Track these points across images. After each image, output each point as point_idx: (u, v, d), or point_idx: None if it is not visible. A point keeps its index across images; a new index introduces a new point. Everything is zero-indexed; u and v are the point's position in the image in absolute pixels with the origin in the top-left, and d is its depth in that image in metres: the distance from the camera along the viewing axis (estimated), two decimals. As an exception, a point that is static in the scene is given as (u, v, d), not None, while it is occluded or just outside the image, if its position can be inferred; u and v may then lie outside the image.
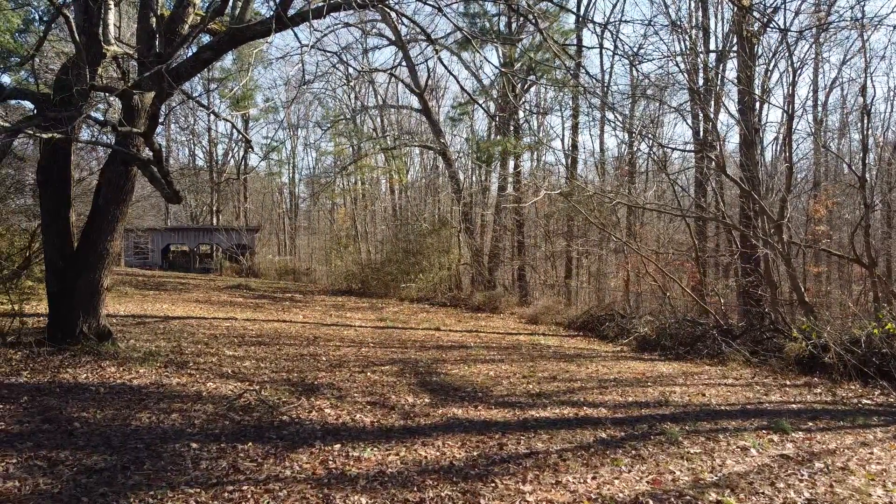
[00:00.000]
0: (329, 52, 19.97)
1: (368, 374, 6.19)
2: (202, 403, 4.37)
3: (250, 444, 3.59)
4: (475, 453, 3.73)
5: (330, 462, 3.41)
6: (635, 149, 24.68)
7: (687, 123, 19.17)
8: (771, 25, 7.62)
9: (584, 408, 5.34)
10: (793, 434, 4.77)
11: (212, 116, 39.88)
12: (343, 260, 23.21)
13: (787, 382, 7.67)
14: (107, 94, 7.17)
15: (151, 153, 5.03)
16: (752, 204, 12.52)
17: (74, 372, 4.95)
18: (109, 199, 5.66)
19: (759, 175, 13.48)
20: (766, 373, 8.42)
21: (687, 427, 4.82)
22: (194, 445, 3.46)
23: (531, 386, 6.24)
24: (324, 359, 6.91)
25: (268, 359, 6.52)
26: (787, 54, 10.83)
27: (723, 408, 5.82)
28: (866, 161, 11.77)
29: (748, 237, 13.91)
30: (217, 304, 12.84)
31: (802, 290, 11.67)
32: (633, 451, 4.00)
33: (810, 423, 5.22)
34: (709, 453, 4.09)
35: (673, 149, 14.05)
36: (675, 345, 10.89)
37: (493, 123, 23.97)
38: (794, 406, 6.15)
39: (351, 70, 27.46)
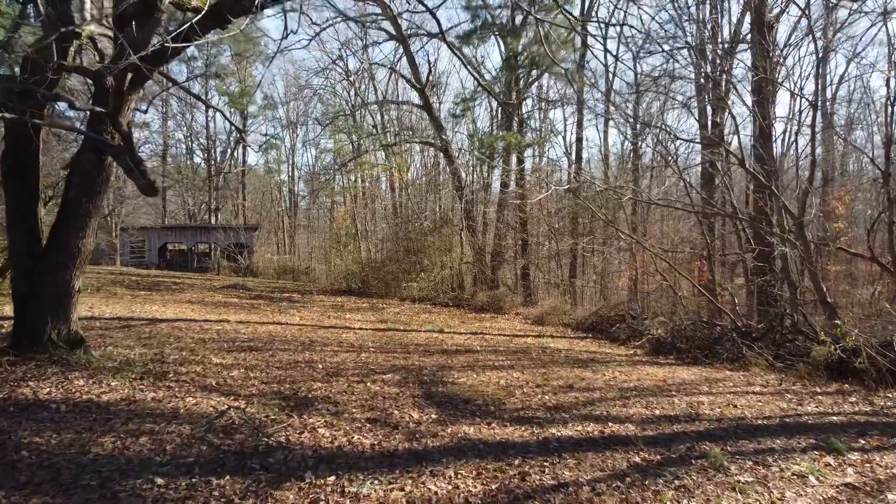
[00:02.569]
0: (334, 17, 19.36)
1: (368, 384, 5.63)
2: (177, 423, 3.80)
3: (228, 477, 3.03)
4: (494, 486, 3.18)
5: (321, 501, 2.85)
6: (639, 144, 24.13)
7: (693, 117, 18.65)
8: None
9: (610, 423, 4.78)
10: (848, 455, 4.21)
11: (208, 112, 39.32)
12: (343, 259, 22.65)
13: (818, 390, 7.13)
14: (85, 78, 6.59)
15: (120, 137, 4.47)
16: (770, 200, 11.96)
17: (36, 386, 4.39)
18: (81, 192, 5.09)
19: (776, 169, 12.93)
20: (793, 378, 7.88)
21: (728, 447, 4.26)
22: (159, 481, 2.90)
23: (547, 397, 5.68)
24: (320, 366, 6.35)
25: (258, 367, 5.96)
26: (810, 38, 10.23)
27: (760, 422, 5.26)
28: (890, 154, 11.21)
29: (765, 234, 13.33)
30: (210, 305, 12.28)
31: (824, 289, 11.11)
32: (676, 481, 3.44)
33: (862, 441, 4.66)
34: (762, 482, 3.54)
35: (689, 141, 13.47)
36: (692, 348, 10.36)
37: (496, 121, 23.42)
38: (835, 419, 5.60)
39: (351, 65, 26.97)
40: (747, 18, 15.92)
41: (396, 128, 26.92)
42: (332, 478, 3.13)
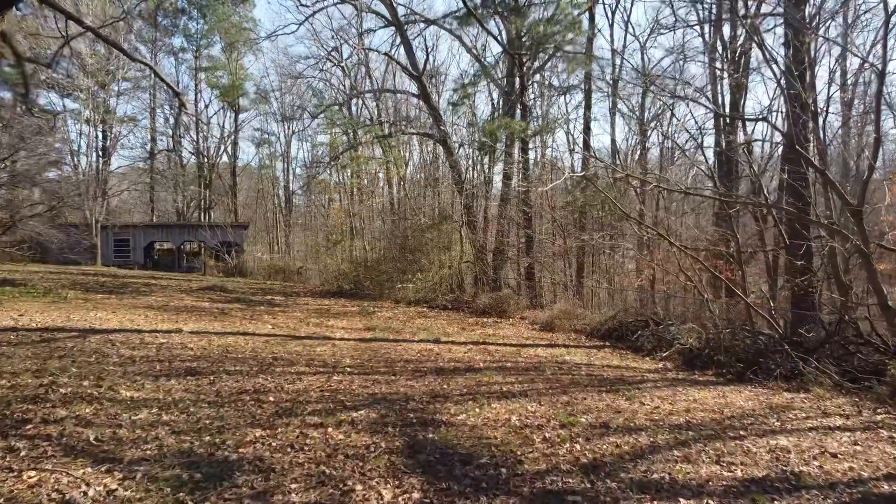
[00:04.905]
0: None
1: (330, 429, 4.03)
2: (-30, 536, 2.22)
3: None
4: None
5: None
6: (649, 133, 22.61)
7: (707, 97, 17.18)
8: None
9: (682, 500, 3.19)
10: None
11: (199, 105, 37.72)
12: (333, 258, 21.08)
13: (913, 421, 5.54)
14: None
15: None
16: (823, 186, 10.36)
17: None
18: None
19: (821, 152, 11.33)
20: (872, 404, 6.33)
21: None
22: None
23: (578, 446, 4.08)
24: (271, 399, 4.75)
25: (182, 404, 4.36)
26: None
27: (886, 486, 3.67)
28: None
29: (806, 227, 11.74)
30: (172, 310, 10.68)
31: (885, 291, 9.50)
32: None
33: None
34: None
35: (736, 118, 11.85)
36: (732, 361, 8.80)
37: (497, 113, 21.80)
38: (977, 475, 4.01)
39: (346, 55, 25.41)
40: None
41: (393, 119, 25.35)
42: None
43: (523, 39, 18.55)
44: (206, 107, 40.35)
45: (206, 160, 39.44)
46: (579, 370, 7.54)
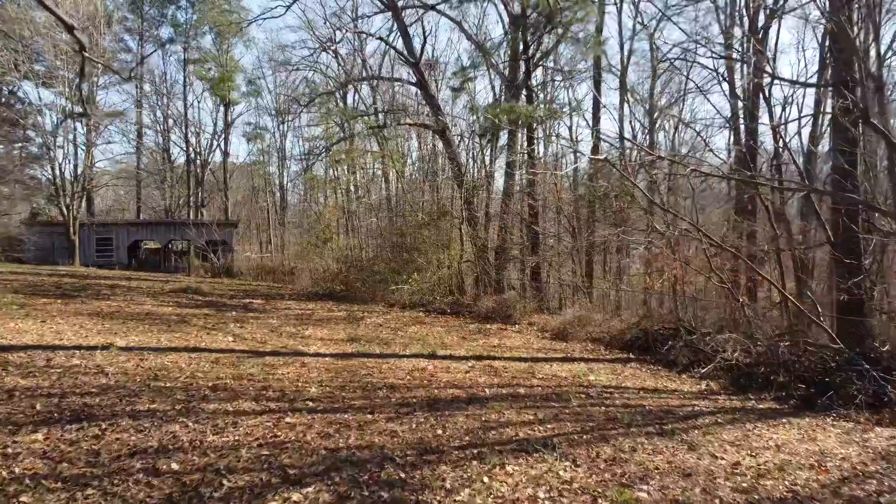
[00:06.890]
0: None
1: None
2: None
3: None
4: None
5: None
6: (658, 123, 21.06)
7: (721, 77, 15.65)
8: None
9: None
10: None
11: (187, 98, 36.07)
12: (322, 257, 19.45)
13: None
14: None
15: None
16: (890, 166, 8.77)
17: None
18: None
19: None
20: None
21: None
22: None
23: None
24: (174, 467, 3.13)
25: (16, 485, 2.74)
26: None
27: None
28: None
29: (856, 219, 10.12)
30: (120, 318, 9.04)
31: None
32: None
33: None
34: None
35: (801, 84, 10.22)
36: (794, 381, 7.22)
37: (499, 102, 20.20)
38: None
39: (341, 45, 23.91)
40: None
41: (389, 106, 23.74)
42: None
43: (529, 19, 16.96)
44: (197, 100, 38.79)
45: (196, 156, 37.79)
46: (612, 398, 5.93)
